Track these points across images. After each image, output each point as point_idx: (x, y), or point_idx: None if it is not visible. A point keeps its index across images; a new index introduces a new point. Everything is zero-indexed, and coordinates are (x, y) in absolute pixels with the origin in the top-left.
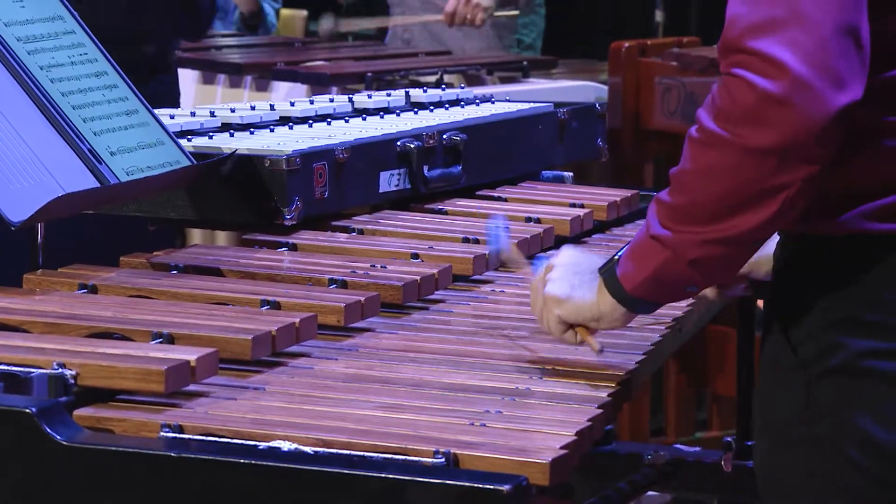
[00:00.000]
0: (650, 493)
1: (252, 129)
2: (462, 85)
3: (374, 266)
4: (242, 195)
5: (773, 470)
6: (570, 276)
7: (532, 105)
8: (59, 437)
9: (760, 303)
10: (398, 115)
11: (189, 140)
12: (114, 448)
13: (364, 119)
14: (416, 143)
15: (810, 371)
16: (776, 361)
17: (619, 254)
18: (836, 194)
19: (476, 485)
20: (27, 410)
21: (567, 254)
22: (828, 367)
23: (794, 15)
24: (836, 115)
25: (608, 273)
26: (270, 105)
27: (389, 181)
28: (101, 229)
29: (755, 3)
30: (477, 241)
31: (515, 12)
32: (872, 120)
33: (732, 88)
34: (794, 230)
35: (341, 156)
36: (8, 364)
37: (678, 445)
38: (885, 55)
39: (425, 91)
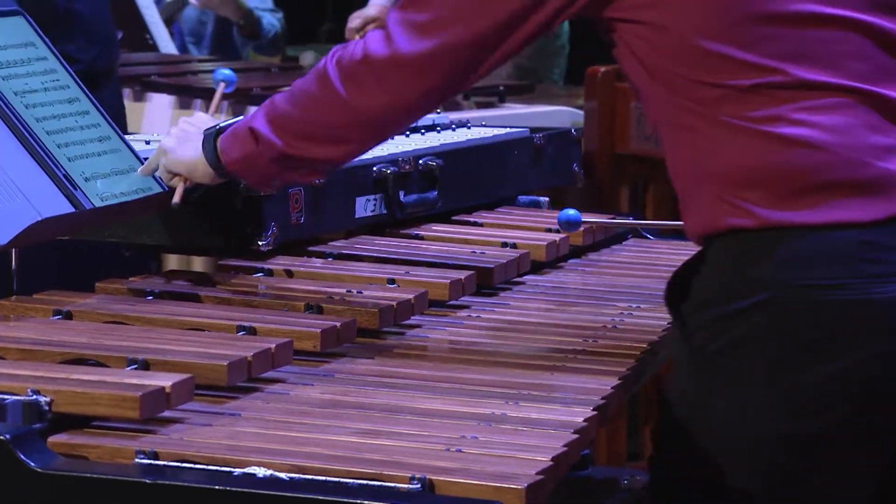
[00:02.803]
0: None
1: None
2: (438, 110)
3: (350, 291)
4: (218, 221)
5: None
6: (183, 134)
7: (508, 130)
8: (33, 465)
9: None
10: None
11: None
12: (88, 475)
13: None
14: (392, 168)
15: (697, 359)
16: (675, 350)
17: (227, 124)
18: (719, 195)
19: None
20: (1, 437)
21: (195, 116)
22: (708, 356)
23: (427, 25)
24: (415, 114)
25: (209, 140)
26: None
27: (365, 206)
28: (76, 255)
29: (414, 3)
30: (453, 267)
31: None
32: (732, 117)
33: (358, 54)
34: (691, 232)
35: (317, 181)
36: None
37: None
38: (740, 65)
39: None
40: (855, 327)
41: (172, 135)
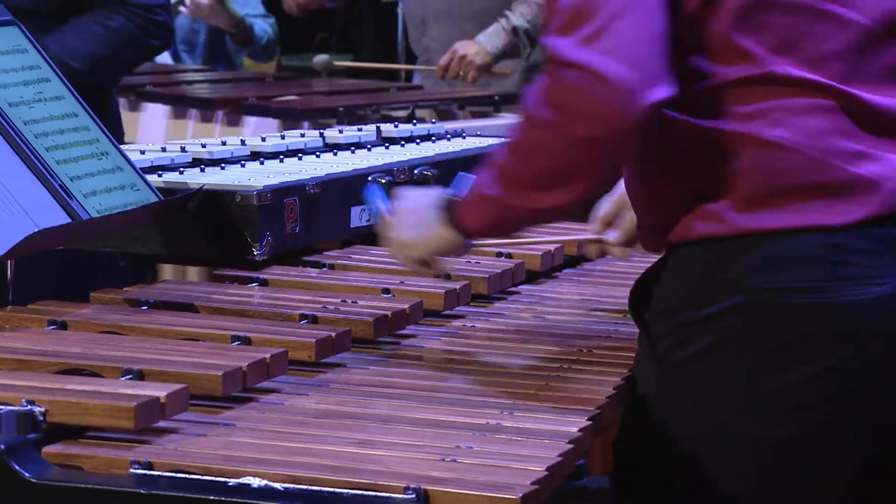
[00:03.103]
0: None
1: (223, 165)
2: (433, 120)
3: (344, 301)
4: (213, 231)
5: (630, 446)
6: (415, 220)
7: (503, 140)
8: (27, 475)
9: None
10: (369, 150)
11: (160, 175)
12: (83, 485)
13: (335, 154)
14: (387, 178)
15: (662, 366)
16: (638, 357)
17: (456, 195)
18: (681, 203)
19: None
20: None
21: (406, 197)
22: (676, 362)
23: (603, 27)
24: (648, 110)
25: (448, 215)
26: (241, 140)
27: (360, 216)
28: (71, 264)
29: (567, 29)
30: (448, 277)
31: (509, 71)
32: (694, 124)
33: (562, 88)
34: (651, 243)
35: (312, 191)
36: None
37: None
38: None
39: (396, 126)
40: (828, 330)
41: (400, 226)
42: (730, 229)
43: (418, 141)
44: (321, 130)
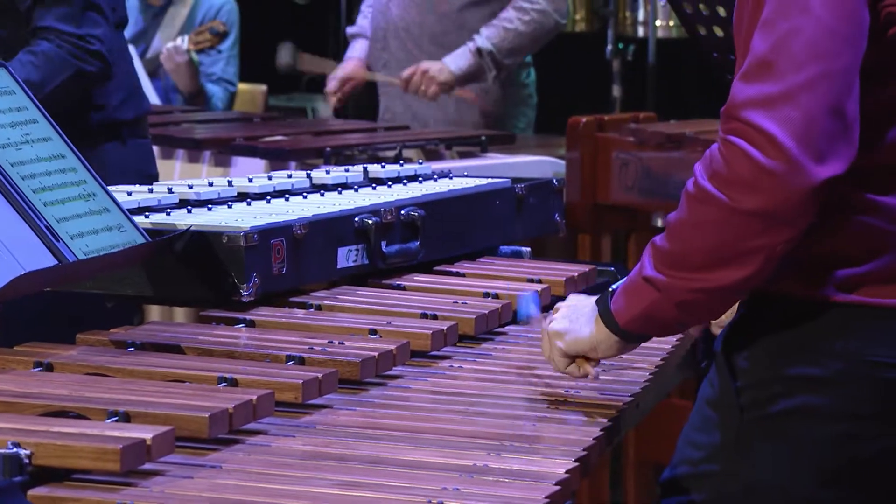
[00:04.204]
0: None
1: (210, 206)
2: (420, 160)
3: (331, 342)
4: (200, 272)
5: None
6: (571, 313)
7: (490, 181)
8: None
9: None
10: (356, 190)
11: (147, 216)
12: None
13: (322, 195)
14: (374, 218)
15: (746, 415)
16: (717, 400)
17: (615, 287)
18: (807, 260)
19: None
20: None
21: (572, 297)
22: (762, 414)
23: (787, 93)
24: (817, 187)
25: (603, 306)
26: (228, 181)
27: (347, 257)
28: (57, 306)
29: (753, 79)
30: (435, 317)
31: (473, 96)
32: (852, 195)
33: (728, 154)
34: (762, 286)
35: (299, 232)
36: None
37: None
38: (868, 136)
39: (383, 166)
40: None
41: (559, 318)
42: (856, 300)
43: (405, 181)
44: (308, 171)
